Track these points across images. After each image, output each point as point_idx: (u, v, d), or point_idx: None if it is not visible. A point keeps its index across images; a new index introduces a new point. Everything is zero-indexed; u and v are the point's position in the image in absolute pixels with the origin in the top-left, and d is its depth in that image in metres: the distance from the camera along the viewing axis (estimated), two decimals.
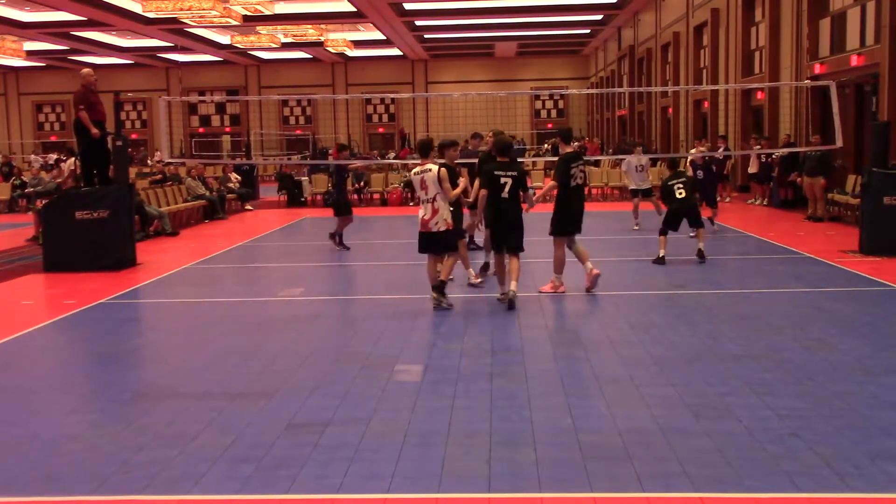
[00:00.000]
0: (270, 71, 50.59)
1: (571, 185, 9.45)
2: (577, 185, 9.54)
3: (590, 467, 4.57)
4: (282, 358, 7.06)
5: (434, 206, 8.71)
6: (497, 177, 8.81)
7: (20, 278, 11.76)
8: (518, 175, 8.90)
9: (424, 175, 8.75)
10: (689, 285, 10.19)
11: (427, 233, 8.80)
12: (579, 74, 51.44)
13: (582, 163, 9.65)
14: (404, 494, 4.33)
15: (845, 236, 13.58)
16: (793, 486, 4.31)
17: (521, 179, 8.93)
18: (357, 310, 9.09)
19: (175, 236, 16.46)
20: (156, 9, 29.45)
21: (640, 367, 6.53)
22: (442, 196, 8.71)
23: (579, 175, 9.52)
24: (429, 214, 8.74)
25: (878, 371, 6.30)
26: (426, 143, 9.14)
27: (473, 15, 35.88)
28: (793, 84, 20.00)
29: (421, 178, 8.77)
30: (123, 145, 12.68)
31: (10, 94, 52.34)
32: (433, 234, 8.76)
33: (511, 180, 8.80)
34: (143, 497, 4.38)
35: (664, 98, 32.71)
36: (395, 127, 50.89)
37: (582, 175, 9.59)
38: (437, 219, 8.71)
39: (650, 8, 34.14)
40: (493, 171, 8.86)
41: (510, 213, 8.88)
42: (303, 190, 24.45)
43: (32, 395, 6.29)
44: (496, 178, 8.81)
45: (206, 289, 11.02)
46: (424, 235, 8.84)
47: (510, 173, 8.83)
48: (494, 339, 7.53)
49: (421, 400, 5.84)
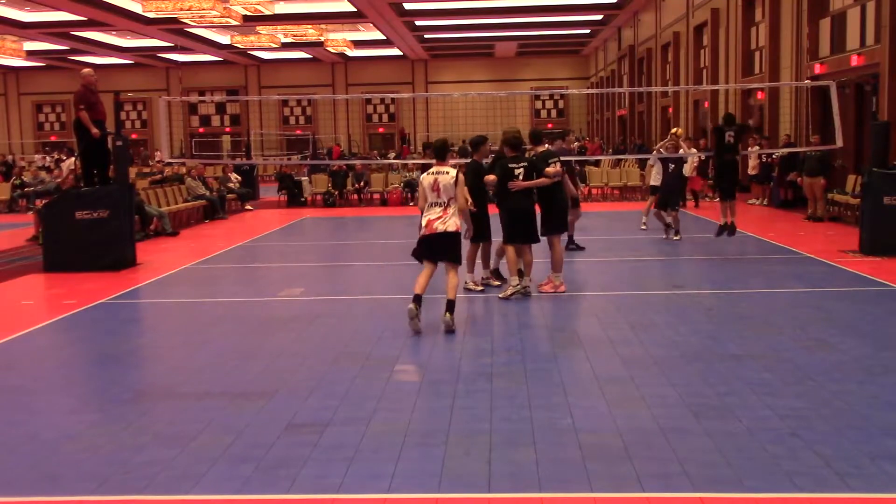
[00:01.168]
0: (270, 71, 50.59)
1: None
2: None
3: (590, 467, 4.57)
4: (282, 358, 7.06)
5: (446, 210, 8.00)
6: (511, 169, 9.17)
7: (20, 278, 11.76)
8: (529, 166, 9.27)
9: (439, 177, 8.02)
10: (688, 285, 10.19)
11: (432, 234, 7.98)
12: (579, 74, 51.44)
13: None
14: (404, 494, 4.33)
15: (845, 236, 13.58)
16: (793, 486, 4.31)
17: (534, 169, 9.30)
18: (357, 310, 9.09)
19: (175, 236, 16.47)
20: (156, 9, 29.46)
21: (640, 367, 6.53)
22: (455, 202, 8.03)
23: None
24: (438, 215, 7.99)
25: (878, 371, 6.30)
26: (443, 145, 8.35)
27: (473, 15, 35.89)
28: (793, 84, 20.00)
29: (435, 179, 8.03)
30: (123, 145, 12.67)
31: (10, 94, 52.34)
32: (438, 234, 7.95)
33: (524, 171, 9.18)
34: (143, 497, 4.38)
35: (664, 98, 32.70)
36: (395, 127, 50.89)
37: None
38: (446, 219, 7.94)
39: (650, 8, 34.14)
40: (506, 165, 9.21)
41: (523, 204, 9.22)
42: (303, 190, 24.46)
43: (32, 395, 6.29)
44: (510, 171, 9.15)
45: (206, 289, 11.02)
46: (427, 238, 8.04)
47: (522, 165, 9.22)
48: (494, 339, 7.53)
49: (421, 400, 5.84)
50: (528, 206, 9.33)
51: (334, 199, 23.60)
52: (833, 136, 13.53)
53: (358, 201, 23.94)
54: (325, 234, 17.90)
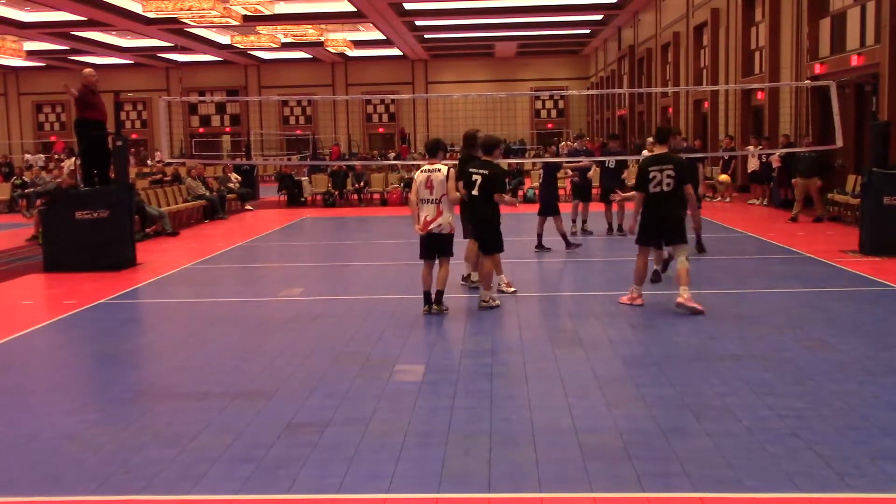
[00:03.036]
0: (270, 71, 50.58)
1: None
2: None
3: (590, 467, 4.57)
4: (282, 358, 7.05)
5: (439, 207, 8.42)
6: (470, 174, 8.78)
7: (20, 278, 11.76)
8: (489, 175, 8.71)
9: (432, 175, 8.45)
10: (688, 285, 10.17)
11: (427, 234, 8.52)
12: (579, 74, 51.42)
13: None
14: (404, 494, 4.33)
15: (845, 236, 13.58)
16: (793, 486, 4.31)
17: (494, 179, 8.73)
18: (357, 310, 9.08)
19: (175, 236, 16.46)
20: (156, 9, 29.46)
21: (640, 367, 6.53)
22: (447, 199, 8.44)
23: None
24: (432, 216, 8.45)
25: (878, 371, 6.30)
26: (436, 143, 8.80)
27: (473, 15, 35.88)
28: (793, 84, 20.00)
29: (428, 176, 8.47)
30: (123, 145, 12.68)
31: (10, 94, 52.32)
32: (433, 235, 8.49)
33: (481, 178, 8.69)
34: (143, 497, 4.38)
35: (664, 98, 32.71)
36: (395, 127, 50.88)
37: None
38: (441, 221, 8.44)
39: (650, 8, 34.14)
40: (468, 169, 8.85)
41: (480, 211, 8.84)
42: (303, 190, 24.47)
43: (32, 395, 6.29)
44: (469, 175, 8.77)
45: (206, 289, 11.01)
46: (425, 238, 8.57)
47: (481, 171, 8.74)
48: (494, 339, 7.53)
49: (421, 400, 5.84)
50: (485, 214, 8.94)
51: (334, 199, 23.61)
52: (833, 137, 13.53)
53: (358, 201, 23.95)
54: (325, 234, 17.89)
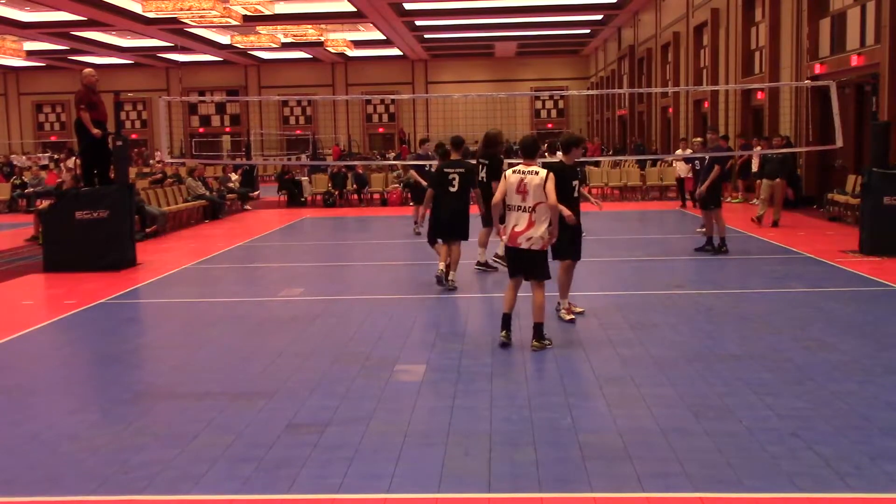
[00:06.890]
0: (270, 71, 50.61)
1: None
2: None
3: (590, 467, 4.57)
4: (282, 358, 7.06)
5: (532, 217, 7.04)
6: (446, 174, 9.97)
7: (20, 278, 11.76)
8: (465, 172, 9.99)
9: (526, 177, 7.06)
10: (688, 285, 10.19)
11: (515, 248, 7.17)
12: (579, 74, 51.45)
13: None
14: (404, 494, 4.33)
15: (845, 236, 13.58)
16: (793, 486, 4.31)
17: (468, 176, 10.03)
18: (357, 310, 9.09)
19: (165, 234, 16.43)
20: (156, 9, 29.48)
21: (640, 367, 6.53)
22: (544, 208, 7.04)
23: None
24: (522, 226, 7.07)
25: (878, 371, 6.30)
26: (532, 142, 7.39)
27: (473, 15, 35.90)
28: (793, 84, 20.00)
29: (521, 179, 7.07)
30: (123, 145, 12.67)
31: (10, 94, 52.37)
32: (521, 250, 7.13)
33: (458, 177, 9.92)
34: (143, 497, 4.38)
35: (664, 98, 32.71)
36: (395, 127, 50.90)
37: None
38: (532, 234, 7.05)
39: (650, 8, 34.14)
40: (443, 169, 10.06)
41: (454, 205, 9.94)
42: (303, 190, 24.47)
43: (32, 395, 6.29)
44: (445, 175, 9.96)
45: (206, 289, 11.01)
46: (511, 251, 7.26)
47: (457, 170, 9.97)
48: (494, 340, 7.53)
49: (421, 400, 5.84)
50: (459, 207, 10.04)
51: (334, 199, 23.61)
52: (833, 136, 13.53)
53: (358, 201, 23.95)
54: (325, 234, 17.89)
